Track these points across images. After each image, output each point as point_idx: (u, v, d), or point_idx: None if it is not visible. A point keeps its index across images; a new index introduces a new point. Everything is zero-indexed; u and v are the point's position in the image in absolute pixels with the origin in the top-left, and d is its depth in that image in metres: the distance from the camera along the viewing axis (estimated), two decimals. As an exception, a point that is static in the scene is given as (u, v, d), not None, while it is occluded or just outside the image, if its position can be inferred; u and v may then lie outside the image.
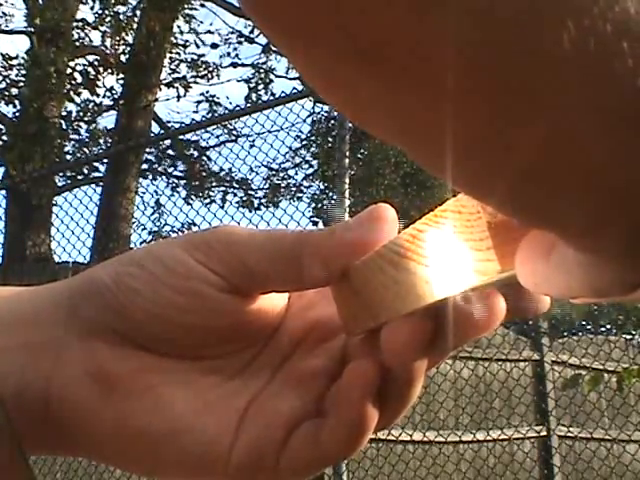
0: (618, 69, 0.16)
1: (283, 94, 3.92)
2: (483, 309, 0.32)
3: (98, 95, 9.67)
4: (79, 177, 9.16)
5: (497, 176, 0.19)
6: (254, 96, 10.43)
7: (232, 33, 10.64)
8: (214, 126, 7.49)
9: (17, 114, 9.14)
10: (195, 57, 10.28)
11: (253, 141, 6.38)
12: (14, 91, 9.18)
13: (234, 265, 0.35)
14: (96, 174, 9.15)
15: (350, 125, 3.76)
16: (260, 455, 0.34)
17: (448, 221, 0.30)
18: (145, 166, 9.73)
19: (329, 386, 0.36)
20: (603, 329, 7.70)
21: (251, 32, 10.39)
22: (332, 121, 9.62)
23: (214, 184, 10.13)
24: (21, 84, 9.12)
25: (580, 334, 6.16)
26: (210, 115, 10.15)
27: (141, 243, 7.30)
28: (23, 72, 9.14)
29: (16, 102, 9.13)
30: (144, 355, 0.35)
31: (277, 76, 10.78)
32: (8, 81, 9.18)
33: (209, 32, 10.70)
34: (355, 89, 0.19)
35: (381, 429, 0.35)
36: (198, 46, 10.20)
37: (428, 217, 0.31)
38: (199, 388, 0.36)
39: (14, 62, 9.27)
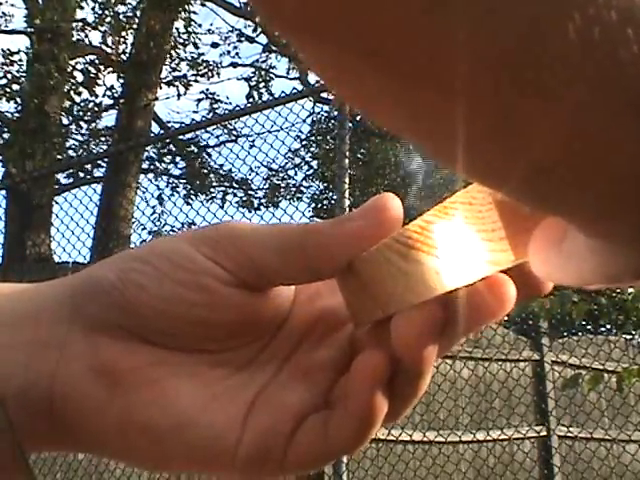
0: (623, 56, 0.16)
1: (283, 94, 3.92)
2: (494, 296, 0.32)
3: (97, 96, 9.68)
4: (79, 176, 9.16)
5: (509, 169, 0.19)
6: (255, 94, 10.44)
7: (232, 32, 10.66)
8: (214, 126, 7.49)
9: (18, 110, 9.13)
10: (195, 55, 10.29)
11: (253, 141, 6.40)
12: (14, 87, 9.17)
13: (240, 259, 0.35)
14: (96, 174, 9.16)
15: (350, 125, 3.76)
16: (268, 448, 0.34)
17: (458, 212, 0.30)
18: (145, 166, 9.74)
19: (337, 378, 0.36)
20: (603, 329, 7.71)
21: (254, 31, 10.38)
22: (332, 121, 9.62)
23: (214, 184, 10.13)
24: (22, 80, 9.11)
25: (580, 334, 6.17)
26: (210, 114, 10.15)
27: (141, 243, 7.29)
28: (24, 68, 9.14)
29: (17, 99, 9.12)
30: (149, 349, 0.35)
31: (277, 76, 10.78)
32: (9, 77, 9.17)
33: (209, 32, 10.72)
34: (363, 82, 0.19)
35: (389, 421, 0.35)
36: (198, 47, 10.19)
37: (437, 209, 0.31)
38: (206, 381, 0.36)
39: (15, 58, 9.28)
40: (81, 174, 9.14)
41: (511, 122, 0.18)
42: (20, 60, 9.22)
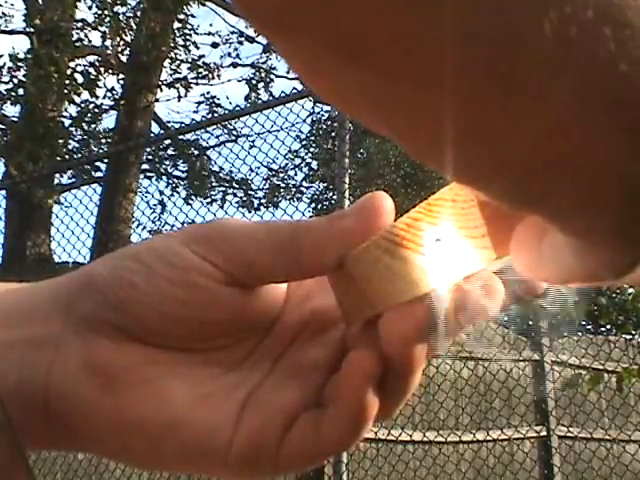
0: (601, 55, 0.16)
1: (283, 94, 3.92)
2: (482, 293, 0.32)
3: (97, 97, 9.67)
4: (80, 177, 9.16)
5: (492, 169, 0.19)
6: (254, 95, 10.43)
7: (233, 33, 10.65)
8: (214, 126, 7.49)
9: (20, 114, 9.13)
10: (195, 57, 10.28)
11: (253, 141, 6.39)
12: (18, 91, 9.17)
13: (233, 257, 0.35)
14: (96, 174, 9.15)
15: (350, 125, 3.76)
16: (260, 446, 0.34)
17: (443, 209, 0.30)
18: (145, 166, 9.73)
19: (329, 376, 0.36)
20: (603, 329, 7.70)
21: (256, 33, 10.36)
22: (332, 121, 9.61)
23: (214, 184, 10.12)
24: (24, 83, 9.10)
25: (580, 334, 6.17)
26: (210, 115, 10.15)
27: (141, 243, 7.27)
28: (25, 72, 9.13)
29: (20, 102, 9.12)
30: (142, 348, 0.35)
31: (277, 76, 10.78)
32: (15, 81, 9.17)
33: (209, 33, 10.71)
34: (344, 79, 0.19)
35: (381, 419, 0.35)
36: (193, 49, 10.18)
37: (422, 206, 0.31)
38: (198, 380, 0.36)
39: (19, 63, 9.25)
40: (81, 175, 9.13)
41: (496, 122, 0.18)
42: (21, 66, 9.21)
